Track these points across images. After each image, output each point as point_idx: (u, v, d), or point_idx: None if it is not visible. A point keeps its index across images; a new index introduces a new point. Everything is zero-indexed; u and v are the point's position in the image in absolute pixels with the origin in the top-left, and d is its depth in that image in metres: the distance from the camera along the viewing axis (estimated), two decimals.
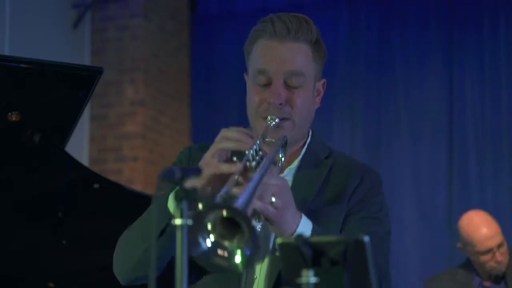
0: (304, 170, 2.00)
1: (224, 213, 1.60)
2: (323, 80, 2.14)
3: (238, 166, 1.79)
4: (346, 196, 2.00)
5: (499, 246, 4.07)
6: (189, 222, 1.48)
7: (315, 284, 1.45)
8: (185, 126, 6.54)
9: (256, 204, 1.72)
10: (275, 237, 1.95)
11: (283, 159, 1.95)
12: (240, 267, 1.64)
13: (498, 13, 5.96)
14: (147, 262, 1.94)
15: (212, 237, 1.62)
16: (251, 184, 1.70)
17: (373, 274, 1.45)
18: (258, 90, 2.02)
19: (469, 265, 4.20)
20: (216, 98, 6.48)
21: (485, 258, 4.09)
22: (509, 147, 5.80)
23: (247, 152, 1.83)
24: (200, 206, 1.64)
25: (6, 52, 5.29)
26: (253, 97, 2.02)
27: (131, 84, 6.13)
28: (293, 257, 1.47)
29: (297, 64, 2.01)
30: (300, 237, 1.81)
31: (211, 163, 1.83)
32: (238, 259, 1.63)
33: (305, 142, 2.11)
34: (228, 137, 1.86)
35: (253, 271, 1.97)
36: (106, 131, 6.16)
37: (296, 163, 2.08)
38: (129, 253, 2.03)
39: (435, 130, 5.98)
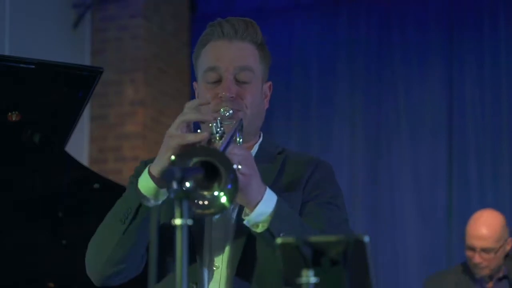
0: (258, 164, 2.03)
1: (205, 158, 1.67)
2: (269, 83, 2.21)
3: (205, 134, 1.88)
4: (301, 185, 2.07)
5: (484, 250, 4.03)
6: (189, 222, 1.48)
7: (315, 284, 1.45)
8: None
9: None
10: (236, 221, 2.00)
11: (241, 141, 2.01)
12: (227, 204, 1.69)
13: (498, 13, 5.96)
14: (117, 257, 1.97)
15: (188, 184, 1.66)
16: (223, 143, 1.78)
17: (373, 274, 1.45)
18: (209, 88, 2.09)
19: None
20: None
21: (468, 253, 4.11)
22: (509, 147, 5.80)
23: (210, 125, 1.90)
24: (173, 157, 1.70)
25: (6, 52, 5.29)
26: (204, 95, 2.08)
27: (131, 84, 6.13)
28: (293, 257, 1.47)
29: (245, 60, 2.09)
30: (268, 230, 1.85)
31: (175, 135, 1.90)
32: (224, 199, 1.69)
33: (257, 142, 2.18)
34: (190, 109, 1.93)
35: (212, 262, 2.01)
36: (106, 131, 6.16)
37: None
38: (100, 250, 2.05)
39: (435, 130, 5.98)
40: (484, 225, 4.09)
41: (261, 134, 2.20)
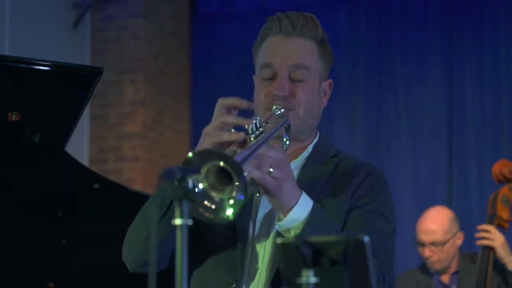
0: (310, 166, 2.02)
1: (220, 163, 1.63)
2: (330, 81, 2.16)
3: (240, 134, 1.83)
4: (350, 191, 2.02)
5: (433, 243, 4.15)
6: (189, 222, 1.48)
7: (315, 284, 1.45)
8: (185, 126, 6.54)
9: (254, 172, 1.74)
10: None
11: (287, 142, 1.98)
12: (231, 217, 1.66)
13: (498, 13, 5.96)
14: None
15: (201, 185, 1.65)
16: (249, 148, 1.75)
17: (373, 274, 1.45)
18: (264, 84, 2.05)
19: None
20: (216, 98, 6.44)
21: (419, 249, 4.24)
22: (509, 147, 5.80)
23: (246, 126, 1.85)
24: (190, 154, 1.66)
25: (6, 52, 5.29)
26: (259, 92, 2.06)
27: (131, 84, 6.13)
28: (293, 257, 1.47)
29: (301, 58, 2.04)
30: (300, 237, 1.83)
31: (212, 133, 1.86)
32: (229, 211, 1.65)
33: (312, 142, 2.13)
34: (228, 107, 1.90)
35: (255, 261, 1.98)
36: (106, 131, 6.16)
37: (301, 158, 2.10)
38: (134, 238, 2.03)
39: (435, 130, 5.98)
40: (431, 220, 4.22)
41: (318, 134, 2.16)
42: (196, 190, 1.64)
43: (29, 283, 3.37)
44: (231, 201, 1.65)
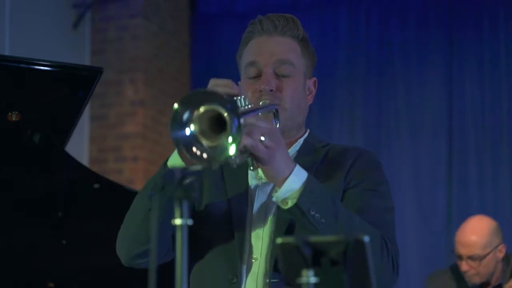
0: (301, 157, 2.04)
1: (215, 106, 1.68)
2: (314, 79, 2.18)
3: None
4: (343, 173, 2.04)
5: (470, 257, 3.95)
6: (189, 222, 1.48)
7: (315, 284, 1.45)
8: None
9: (246, 140, 1.75)
10: (276, 214, 1.98)
11: (277, 125, 1.99)
12: (235, 152, 1.67)
13: (498, 13, 5.96)
14: (142, 235, 1.95)
15: (192, 127, 1.67)
16: (241, 112, 1.75)
17: (373, 274, 1.45)
18: (250, 83, 2.09)
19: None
20: None
21: (457, 261, 4.04)
22: (509, 147, 5.79)
23: (235, 98, 1.85)
24: (176, 105, 1.70)
25: (6, 52, 5.30)
26: (246, 91, 2.08)
27: (131, 84, 6.13)
28: (293, 257, 1.47)
29: (285, 54, 2.08)
30: (297, 206, 1.82)
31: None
32: (232, 148, 1.66)
33: (302, 137, 2.16)
34: (218, 84, 1.93)
35: (253, 253, 1.99)
36: (106, 131, 6.16)
37: (292, 151, 2.11)
38: (125, 229, 2.04)
39: (435, 130, 5.98)
40: (471, 232, 3.98)
41: (308, 131, 2.19)
42: (187, 133, 1.66)
43: (29, 283, 3.37)
44: (230, 139, 1.66)
